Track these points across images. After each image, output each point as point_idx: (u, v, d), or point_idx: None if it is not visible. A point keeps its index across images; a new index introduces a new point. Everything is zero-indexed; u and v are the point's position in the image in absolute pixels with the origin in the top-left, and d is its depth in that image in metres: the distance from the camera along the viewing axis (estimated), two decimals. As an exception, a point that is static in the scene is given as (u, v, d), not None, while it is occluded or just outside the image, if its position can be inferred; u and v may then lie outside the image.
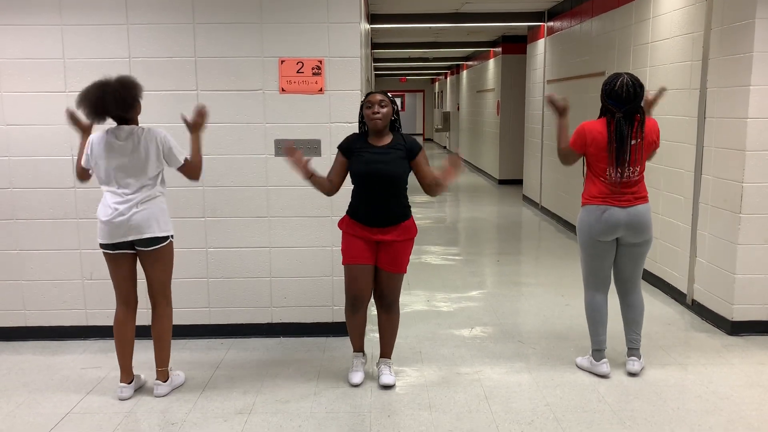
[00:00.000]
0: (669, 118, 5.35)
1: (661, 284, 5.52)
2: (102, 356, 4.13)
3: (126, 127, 3.41)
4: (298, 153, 3.45)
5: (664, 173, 5.46)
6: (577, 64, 7.94)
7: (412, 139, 3.60)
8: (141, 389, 3.65)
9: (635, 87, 3.53)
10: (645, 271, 5.83)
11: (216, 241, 4.36)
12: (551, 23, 9.26)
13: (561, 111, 3.80)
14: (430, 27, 10.95)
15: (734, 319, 4.44)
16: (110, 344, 4.18)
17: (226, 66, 4.18)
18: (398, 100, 28.33)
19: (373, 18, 9.64)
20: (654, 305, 5.16)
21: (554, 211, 9.04)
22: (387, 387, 3.64)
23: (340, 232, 4.27)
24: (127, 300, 3.56)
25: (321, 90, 4.21)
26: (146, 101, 3.78)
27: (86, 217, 4.28)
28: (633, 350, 3.83)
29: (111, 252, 3.47)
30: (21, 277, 4.37)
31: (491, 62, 13.93)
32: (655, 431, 3.18)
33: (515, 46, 12.43)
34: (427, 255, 7.02)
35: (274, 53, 4.17)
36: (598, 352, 3.80)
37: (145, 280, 3.56)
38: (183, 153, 3.49)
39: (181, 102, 4.17)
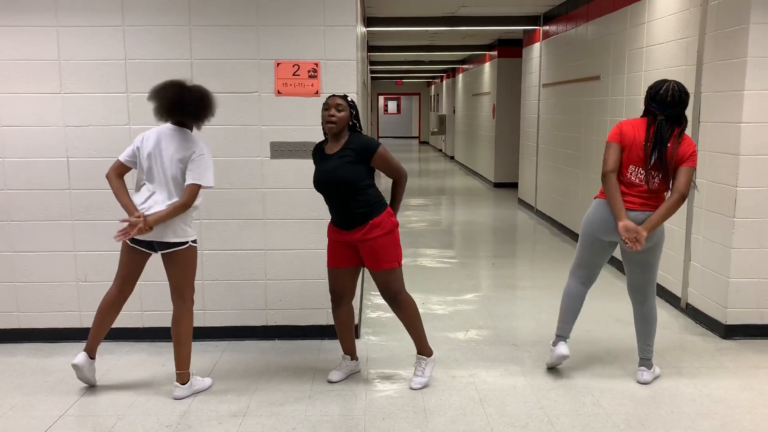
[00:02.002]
0: (664, 122, 5.38)
1: (655, 287, 5.52)
2: (96, 358, 4.11)
3: (189, 132, 3.47)
4: None
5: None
6: (573, 68, 7.96)
7: (366, 141, 3.52)
8: (137, 392, 3.64)
9: (681, 93, 3.51)
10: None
11: (211, 244, 4.36)
12: (547, 27, 9.29)
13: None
14: (426, 30, 10.97)
15: (728, 323, 4.46)
16: (105, 346, 4.17)
17: (222, 68, 4.18)
18: (354, 102, 28.28)
19: (369, 21, 9.65)
20: (648, 309, 5.18)
21: (549, 214, 9.06)
22: (413, 390, 3.68)
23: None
24: (122, 287, 3.57)
25: (317, 93, 4.21)
26: (142, 103, 3.78)
27: (81, 219, 4.27)
28: (644, 360, 3.79)
29: (129, 244, 3.50)
30: (15, 279, 4.35)
31: (487, 66, 13.96)
32: (649, 434, 3.18)
33: (511, 49, 12.47)
34: (422, 258, 7.02)
35: (270, 56, 4.18)
36: (558, 338, 3.81)
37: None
38: (200, 179, 3.42)
39: (176, 104, 4.17)
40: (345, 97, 3.54)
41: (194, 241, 3.55)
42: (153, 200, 3.41)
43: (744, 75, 4.25)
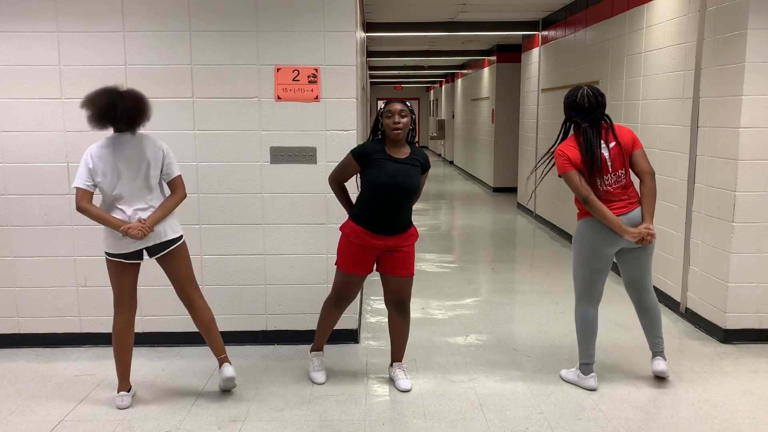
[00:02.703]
0: (662, 127, 5.39)
1: (654, 292, 5.53)
2: (96, 364, 4.12)
3: (128, 135, 3.40)
4: None
5: (657, 182, 5.46)
6: (571, 73, 7.99)
7: (425, 154, 3.69)
8: (136, 396, 3.64)
9: (596, 96, 3.57)
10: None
11: (211, 248, 4.36)
12: (546, 32, 9.32)
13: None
14: (425, 35, 11.00)
15: (727, 327, 4.46)
16: (104, 351, 4.18)
17: (222, 73, 4.19)
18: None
19: (368, 26, 9.68)
20: (648, 313, 5.18)
21: (548, 219, 9.07)
22: (406, 391, 3.70)
23: (335, 240, 4.27)
24: (130, 306, 3.55)
25: (317, 98, 4.22)
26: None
27: (81, 224, 4.27)
28: (657, 353, 3.82)
29: (126, 261, 3.45)
30: (15, 284, 4.36)
31: (486, 71, 13.99)
32: (648, 439, 3.19)
33: (510, 54, 12.50)
34: (422, 262, 7.02)
35: (270, 61, 4.19)
36: (586, 366, 3.77)
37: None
38: (178, 169, 3.52)
39: (177, 109, 4.18)
40: (404, 101, 3.57)
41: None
42: (140, 207, 3.39)
43: (742, 80, 4.27)
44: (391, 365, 3.87)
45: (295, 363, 4.16)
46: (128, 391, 3.56)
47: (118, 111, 3.28)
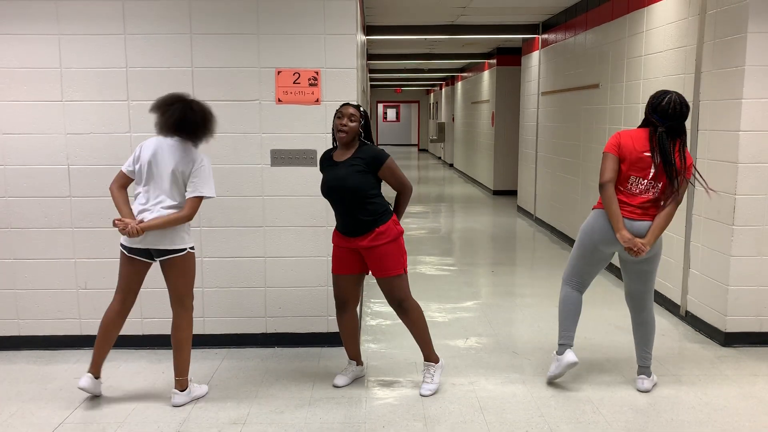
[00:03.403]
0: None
1: (654, 295, 5.52)
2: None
3: (191, 145, 3.48)
4: None
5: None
6: (571, 76, 8.00)
7: (376, 152, 3.58)
8: (136, 399, 3.64)
9: (682, 106, 3.52)
10: (639, 282, 5.85)
11: (211, 251, 4.36)
12: (546, 36, 9.33)
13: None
14: (425, 38, 11.01)
15: (727, 331, 4.46)
16: (104, 354, 4.17)
17: (222, 76, 4.20)
18: (367, 113, 28.29)
19: (368, 29, 9.69)
20: (648, 316, 5.18)
21: (548, 222, 9.07)
22: (423, 397, 3.69)
23: (335, 243, 4.30)
24: (125, 297, 3.57)
25: (317, 101, 4.23)
26: (143, 111, 3.80)
27: (81, 226, 4.27)
28: (643, 368, 3.79)
29: (127, 254, 3.50)
30: (15, 286, 4.35)
31: (486, 74, 14.00)
32: (649, 442, 3.19)
33: (510, 57, 12.51)
34: (421, 265, 7.03)
35: (271, 64, 4.19)
36: (562, 346, 3.76)
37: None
38: (202, 191, 3.44)
39: (177, 112, 4.18)
40: (358, 107, 3.59)
41: (192, 248, 3.55)
42: (150, 207, 3.42)
43: (742, 83, 4.27)
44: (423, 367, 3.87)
45: (295, 365, 4.15)
46: (97, 378, 3.60)
47: (188, 123, 3.40)
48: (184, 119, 3.40)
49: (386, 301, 3.75)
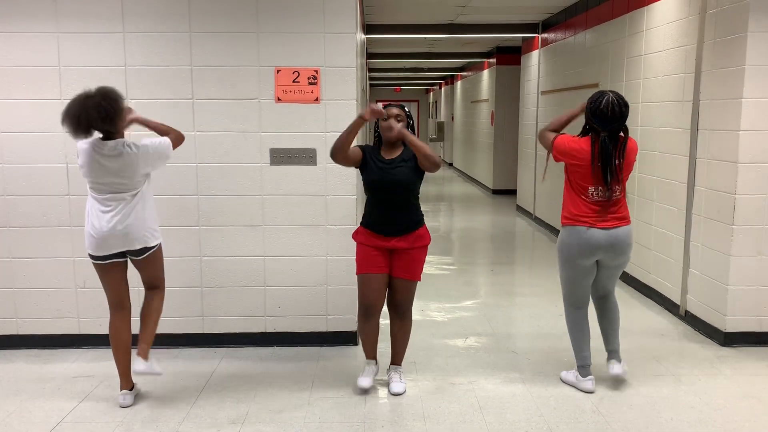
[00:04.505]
0: (662, 129, 5.39)
1: (654, 295, 5.54)
2: (94, 365, 4.11)
3: (110, 143, 3.35)
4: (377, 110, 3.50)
5: (657, 184, 5.49)
6: (571, 75, 7.99)
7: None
8: (136, 398, 3.63)
9: (621, 106, 3.46)
10: (638, 281, 5.85)
11: (210, 250, 4.35)
12: (545, 35, 9.32)
13: (579, 112, 3.72)
14: (425, 37, 11.00)
15: (727, 330, 4.46)
16: (103, 353, 4.16)
17: (222, 75, 4.19)
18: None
19: (368, 28, 9.68)
20: (647, 316, 5.18)
21: (548, 221, 9.07)
22: (397, 395, 3.68)
23: (335, 242, 4.29)
24: (121, 305, 3.56)
25: (317, 99, 4.22)
26: (142, 110, 3.79)
27: (80, 225, 4.25)
28: (613, 352, 3.82)
29: (102, 263, 3.47)
30: (13, 285, 4.34)
31: (485, 73, 14.00)
32: (648, 442, 3.18)
33: (509, 57, 12.50)
34: (421, 265, 7.02)
35: (270, 62, 4.18)
36: (583, 368, 3.76)
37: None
38: (161, 138, 3.54)
39: (176, 110, 4.17)
40: (402, 107, 3.61)
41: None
42: (116, 214, 3.37)
43: (742, 83, 4.27)
44: (389, 368, 3.86)
45: (294, 365, 4.15)
46: (131, 390, 3.56)
47: (90, 112, 3.18)
48: (84, 109, 3.19)
49: (386, 301, 3.74)
